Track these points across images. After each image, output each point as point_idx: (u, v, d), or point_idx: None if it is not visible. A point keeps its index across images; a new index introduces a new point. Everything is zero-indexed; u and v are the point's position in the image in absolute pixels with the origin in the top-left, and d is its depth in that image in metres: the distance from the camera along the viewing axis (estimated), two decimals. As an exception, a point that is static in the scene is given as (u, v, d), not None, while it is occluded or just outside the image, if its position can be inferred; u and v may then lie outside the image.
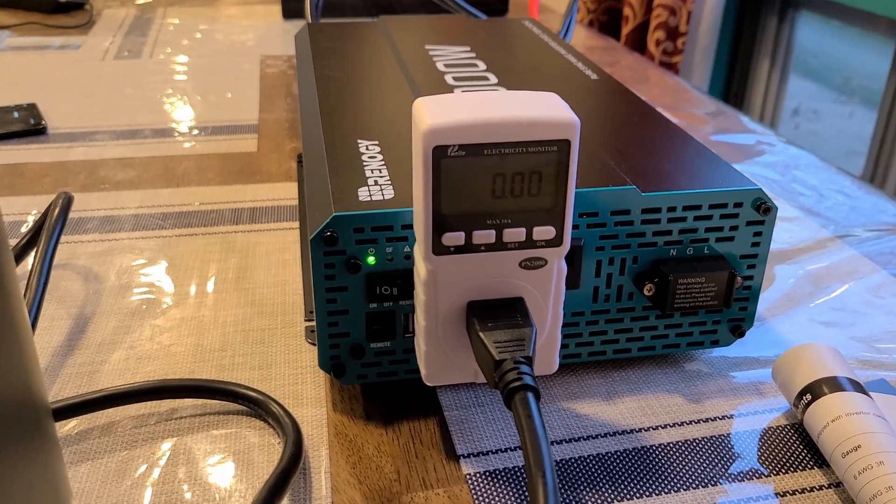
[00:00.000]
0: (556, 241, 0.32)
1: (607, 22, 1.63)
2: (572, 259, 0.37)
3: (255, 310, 0.46)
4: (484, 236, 0.31)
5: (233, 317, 0.45)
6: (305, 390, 0.39)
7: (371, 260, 0.35)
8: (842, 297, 0.48)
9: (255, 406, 0.36)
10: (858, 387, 0.35)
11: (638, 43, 1.60)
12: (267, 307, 0.46)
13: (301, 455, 0.33)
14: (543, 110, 0.30)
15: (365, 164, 0.39)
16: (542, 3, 1.34)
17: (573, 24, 0.84)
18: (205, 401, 0.38)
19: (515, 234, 0.31)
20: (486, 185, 0.30)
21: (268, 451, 0.35)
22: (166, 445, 0.36)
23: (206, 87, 0.87)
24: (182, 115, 0.78)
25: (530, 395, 0.29)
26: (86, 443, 0.36)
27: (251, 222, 0.56)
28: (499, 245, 0.31)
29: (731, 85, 1.70)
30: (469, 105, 0.29)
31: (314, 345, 0.43)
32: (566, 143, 0.30)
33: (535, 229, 0.31)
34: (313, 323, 0.44)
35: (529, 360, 0.30)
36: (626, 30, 1.63)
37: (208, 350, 0.42)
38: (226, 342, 0.43)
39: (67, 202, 0.46)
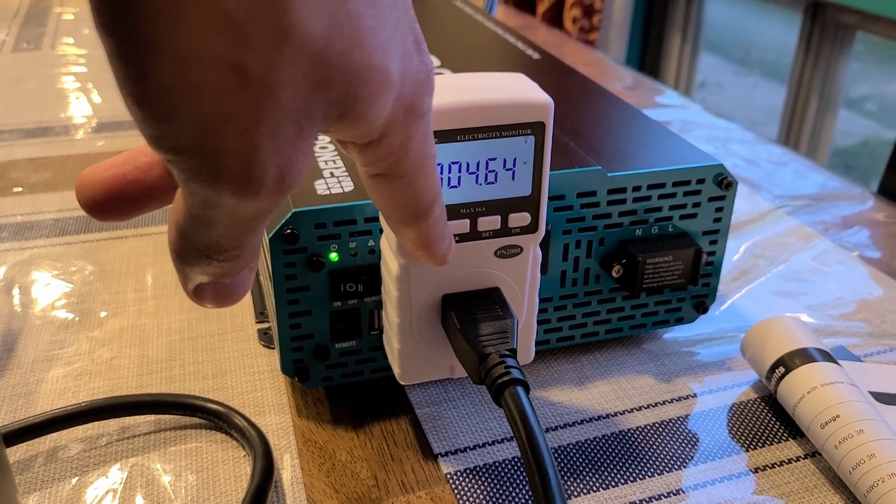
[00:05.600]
0: (532, 228, 0.30)
1: (522, 1, 1.62)
2: (540, 244, 0.36)
3: (200, 314, 0.43)
4: (458, 226, 0.29)
5: (177, 323, 0.42)
6: (266, 397, 0.37)
7: (334, 256, 0.33)
8: (791, 267, 0.49)
9: (217, 419, 0.34)
10: (828, 356, 0.35)
11: (554, 21, 1.61)
12: (213, 311, 0.43)
13: (273, 468, 0.31)
14: (515, 92, 0.28)
15: (317, 154, 0.37)
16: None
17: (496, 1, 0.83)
18: (157, 417, 0.35)
19: (490, 222, 0.30)
20: (459, 173, 0.28)
21: (233, 465, 0.33)
22: (122, 468, 0.33)
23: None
24: (95, 109, 0.73)
25: (520, 390, 0.27)
26: (30, 472, 0.33)
27: (185, 221, 0.53)
28: (473, 234, 0.30)
29: (646, 60, 1.73)
30: (438, 89, 0.28)
31: (268, 347, 0.40)
32: (540, 126, 0.28)
33: (511, 216, 0.30)
34: (265, 325, 0.42)
35: (514, 353, 0.29)
36: (541, 8, 1.63)
37: (155, 361, 0.39)
38: (173, 351, 0.40)
39: (-16, 209, 0.42)
